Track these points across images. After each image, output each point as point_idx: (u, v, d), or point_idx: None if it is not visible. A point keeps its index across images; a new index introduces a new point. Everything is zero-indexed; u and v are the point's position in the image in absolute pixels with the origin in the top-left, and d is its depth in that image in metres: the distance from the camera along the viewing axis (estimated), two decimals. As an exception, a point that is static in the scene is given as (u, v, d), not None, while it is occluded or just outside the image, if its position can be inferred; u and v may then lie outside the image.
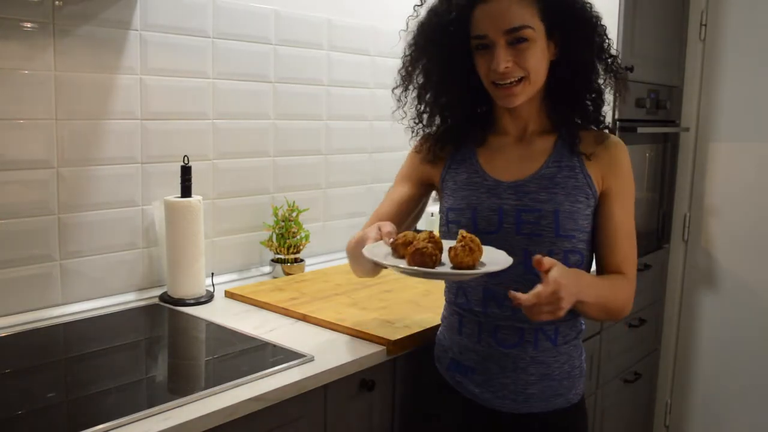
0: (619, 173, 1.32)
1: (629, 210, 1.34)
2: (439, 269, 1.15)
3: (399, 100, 1.41)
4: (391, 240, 1.21)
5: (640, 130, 2.40)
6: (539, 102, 1.34)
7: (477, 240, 1.15)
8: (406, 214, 1.44)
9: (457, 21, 1.28)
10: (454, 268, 1.15)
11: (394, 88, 1.42)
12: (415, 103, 1.41)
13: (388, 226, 1.25)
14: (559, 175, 1.30)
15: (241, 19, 1.92)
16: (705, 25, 2.71)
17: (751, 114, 2.64)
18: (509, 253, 1.20)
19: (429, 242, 1.14)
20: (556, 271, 1.09)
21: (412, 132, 1.45)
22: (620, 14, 2.27)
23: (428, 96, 1.39)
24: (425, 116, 1.41)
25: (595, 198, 1.31)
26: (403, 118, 1.43)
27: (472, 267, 1.14)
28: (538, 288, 1.07)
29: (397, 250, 1.19)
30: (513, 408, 1.33)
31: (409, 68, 1.39)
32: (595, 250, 1.35)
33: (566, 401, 1.35)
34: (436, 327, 1.51)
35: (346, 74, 2.24)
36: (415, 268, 1.12)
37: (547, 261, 1.10)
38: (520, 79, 1.25)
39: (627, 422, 2.70)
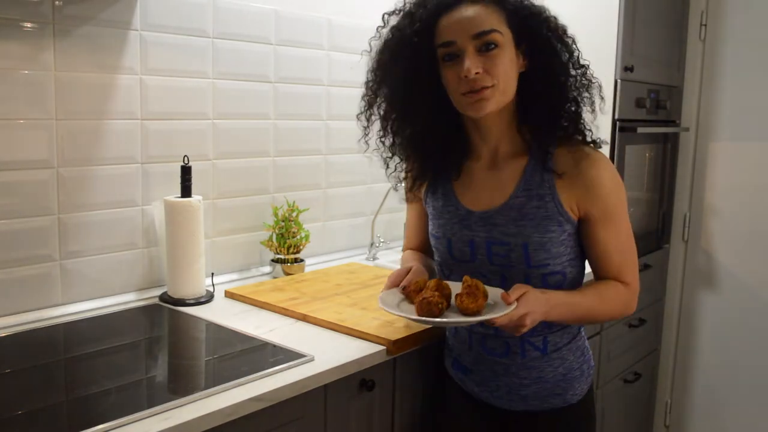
0: (597, 198, 1.25)
1: (619, 227, 1.29)
2: (443, 318, 1.24)
3: (365, 128, 1.38)
4: (403, 287, 1.32)
5: (640, 130, 2.40)
6: (509, 118, 1.30)
7: (481, 285, 1.23)
8: (426, 230, 1.48)
9: (421, 32, 1.23)
10: (461, 313, 1.23)
11: (358, 115, 1.38)
12: (381, 134, 1.37)
13: (400, 278, 1.35)
14: (528, 206, 1.27)
15: (241, 19, 1.92)
16: (705, 25, 2.71)
17: (751, 114, 2.64)
18: (486, 281, 1.27)
19: (436, 290, 1.25)
20: (524, 300, 1.18)
21: (387, 166, 1.43)
22: (620, 14, 2.27)
23: (394, 124, 1.34)
24: (395, 148, 1.38)
25: (571, 223, 1.28)
26: (366, 150, 1.40)
27: (477, 312, 1.23)
28: (512, 311, 1.16)
29: (410, 296, 1.31)
30: (510, 405, 1.38)
31: (374, 90, 1.34)
32: (590, 265, 1.35)
33: (563, 401, 1.37)
34: (436, 326, 1.51)
35: (346, 74, 2.24)
36: (422, 318, 1.23)
37: (514, 293, 1.18)
38: (490, 87, 1.21)
39: (627, 422, 2.70)
